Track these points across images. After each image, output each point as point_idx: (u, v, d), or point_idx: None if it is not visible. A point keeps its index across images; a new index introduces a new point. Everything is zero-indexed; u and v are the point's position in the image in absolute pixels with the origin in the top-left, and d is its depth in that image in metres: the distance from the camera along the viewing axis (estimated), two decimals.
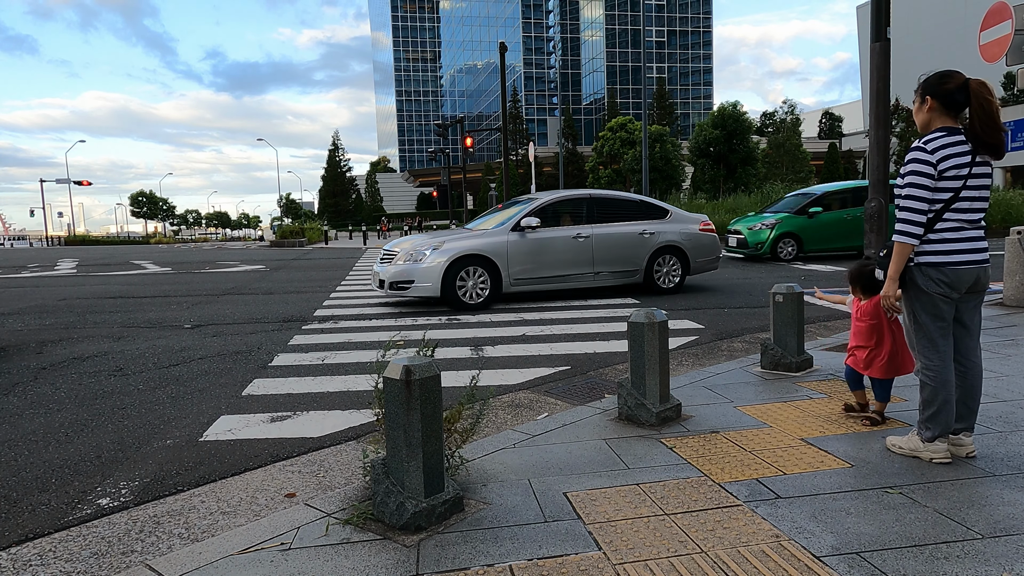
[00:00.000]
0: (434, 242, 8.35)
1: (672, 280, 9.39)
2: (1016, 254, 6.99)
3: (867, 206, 5.92)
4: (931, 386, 2.88)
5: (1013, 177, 44.63)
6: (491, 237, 8.48)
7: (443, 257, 8.14)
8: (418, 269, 8.16)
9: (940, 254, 2.78)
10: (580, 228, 8.89)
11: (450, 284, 8.11)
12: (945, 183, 2.74)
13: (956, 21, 61.94)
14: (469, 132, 31.11)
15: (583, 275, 8.88)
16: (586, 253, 8.85)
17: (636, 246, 9.11)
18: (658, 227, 9.28)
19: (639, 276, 9.20)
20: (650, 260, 9.20)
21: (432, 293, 8.10)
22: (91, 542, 2.57)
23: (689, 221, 9.59)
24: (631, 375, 3.64)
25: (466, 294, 8.21)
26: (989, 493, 2.61)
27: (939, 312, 2.84)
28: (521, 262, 8.50)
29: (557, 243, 8.72)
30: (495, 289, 8.35)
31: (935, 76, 2.86)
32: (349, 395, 4.58)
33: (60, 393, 4.78)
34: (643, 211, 9.36)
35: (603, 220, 9.08)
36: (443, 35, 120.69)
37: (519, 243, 8.52)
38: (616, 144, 49.34)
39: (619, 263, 9.04)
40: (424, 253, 8.23)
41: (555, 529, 2.41)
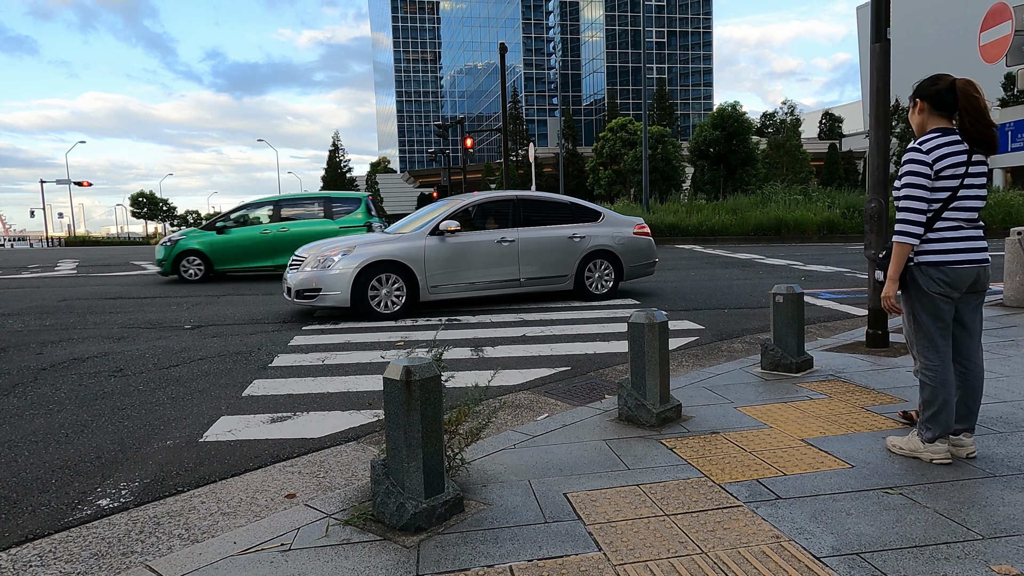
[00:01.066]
0: (344, 246, 7.78)
1: (604, 286, 8.96)
2: (1016, 254, 6.99)
3: (867, 206, 5.93)
4: (931, 386, 2.88)
5: (1013, 177, 44.63)
6: (407, 242, 7.92)
7: (353, 263, 7.56)
8: (326, 276, 7.55)
9: (940, 253, 2.80)
10: (505, 232, 8.40)
11: (361, 292, 7.55)
12: (942, 183, 2.77)
13: (956, 22, 61.97)
14: (469, 133, 31.12)
15: (508, 282, 8.37)
16: (511, 258, 8.35)
17: (565, 251, 8.66)
18: (589, 231, 8.84)
19: (569, 282, 8.73)
20: (581, 265, 8.76)
21: (341, 303, 7.53)
22: (91, 543, 2.57)
23: (623, 224, 9.19)
24: (631, 376, 3.64)
25: (380, 303, 7.68)
26: (989, 494, 2.60)
27: (939, 312, 2.85)
28: (440, 268, 7.97)
29: (479, 248, 8.21)
30: (411, 297, 7.83)
31: (926, 79, 2.91)
32: (349, 396, 4.58)
33: (60, 394, 4.78)
34: (574, 214, 8.94)
35: (531, 223, 8.62)
36: (443, 36, 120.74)
37: (437, 248, 7.98)
38: (616, 145, 49.33)
39: (547, 268, 8.57)
40: (333, 259, 7.62)
41: (555, 530, 2.41)
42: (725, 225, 22.27)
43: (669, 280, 11.35)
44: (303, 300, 7.64)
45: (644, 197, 26.26)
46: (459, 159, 42.71)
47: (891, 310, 2.95)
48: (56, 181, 55.90)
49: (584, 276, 8.81)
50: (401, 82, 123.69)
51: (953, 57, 61.92)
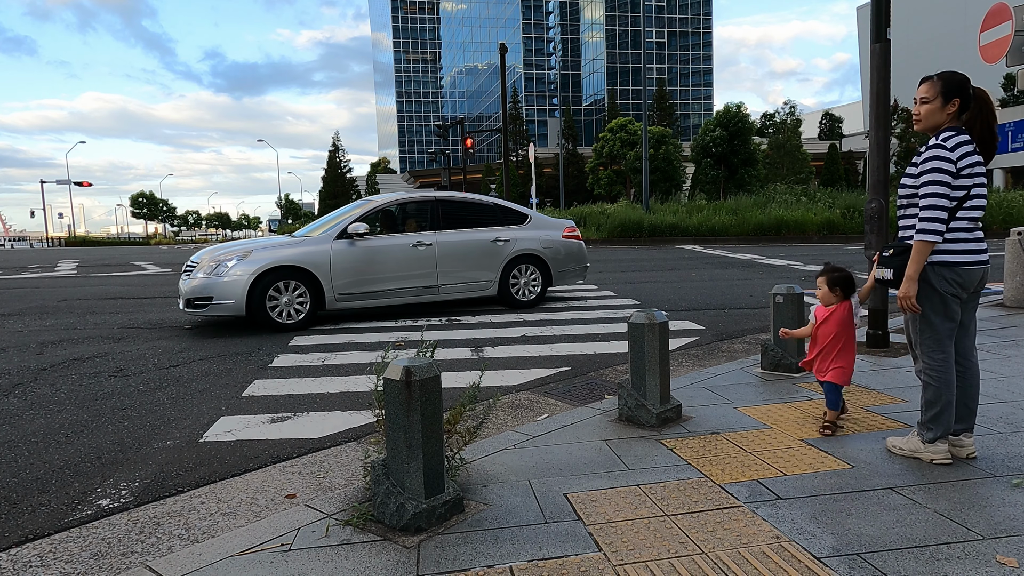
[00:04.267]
0: (241, 250, 7.23)
1: (531, 292, 8.50)
2: (1016, 255, 6.99)
3: (867, 207, 5.94)
4: (934, 387, 2.88)
5: (1013, 177, 44.63)
6: (311, 246, 7.37)
7: (249, 269, 6.99)
8: (218, 284, 6.95)
9: (954, 253, 2.78)
10: (421, 235, 7.90)
11: (258, 300, 6.99)
12: (961, 181, 2.75)
13: (956, 22, 61.97)
14: (469, 133, 31.12)
15: (425, 288, 7.87)
16: (428, 263, 7.84)
17: (488, 255, 8.18)
18: (515, 233, 8.40)
19: (492, 288, 8.25)
20: (505, 270, 8.29)
21: (236, 311, 6.97)
22: (91, 543, 2.57)
23: (551, 227, 8.80)
24: (631, 376, 3.63)
25: (280, 312, 7.12)
26: (990, 494, 2.60)
27: (950, 313, 2.84)
28: (348, 274, 7.42)
29: (392, 252, 7.68)
30: (316, 306, 7.31)
31: (961, 78, 2.81)
32: (349, 396, 4.58)
33: (60, 394, 4.78)
34: (499, 216, 8.48)
35: (451, 226, 8.13)
36: (443, 36, 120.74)
37: (346, 252, 7.44)
38: (616, 145, 49.32)
39: (468, 274, 8.09)
40: (226, 264, 7.06)
41: (555, 530, 2.41)
42: (725, 225, 22.28)
43: (669, 280, 11.35)
44: (194, 309, 7.04)
45: (644, 197, 26.26)
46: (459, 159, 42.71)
47: (912, 309, 2.85)
48: (56, 181, 55.93)
49: (509, 282, 8.35)
50: (401, 82, 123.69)
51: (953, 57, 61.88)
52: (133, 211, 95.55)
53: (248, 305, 6.98)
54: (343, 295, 7.44)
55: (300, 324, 7.21)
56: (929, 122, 2.86)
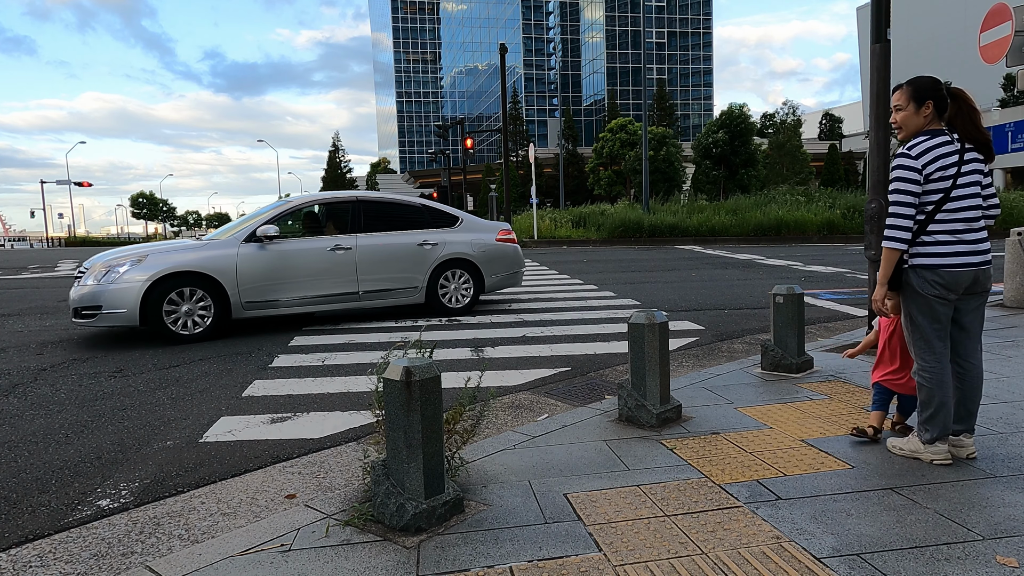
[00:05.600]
0: (136, 255, 6.70)
1: (462, 299, 8.09)
2: (1016, 255, 6.99)
3: (867, 207, 5.95)
4: (927, 387, 2.89)
5: (1013, 178, 44.62)
6: (215, 250, 6.84)
7: (144, 275, 6.44)
8: (107, 291, 6.39)
9: (934, 256, 2.79)
10: (341, 238, 7.43)
11: (155, 309, 6.44)
12: (933, 185, 2.77)
13: (956, 22, 61.98)
14: (469, 133, 31.13)
15: (344, 295, 7.40)
16: (347, 268, 7.37)
17: (414, 259, 7.74)
18: (444, 236, 7.98)
19: (419, 295, 7.82)
20: (433, 275, 7.87)
21: (128, 321, 6.40)
22: (91, 543, 2.57)
23: (484, 230, 8.38)
24: (631, 376, 3.64)
25: (179, 322, 6.58)
26: (990, 495, 2.60)
27: (935, 314, 2.84)
28: (257, 281, 6.90)
29: (308, 256, 7.19)
30: (221, 315, 6.78)
31: (929, 80, 2.88)
32: (349, 396, 4.58)
33: (60, 394, 4.78)
34: (427, 218, 8.04)
35: (374, 228, 7.68)
36: (443, 36, 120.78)
37: (254, 257, 6.93)
38: (616, 145, 49.33)
39: (392, 280, 7.63)
40: (118, 271, 6.49)
41: (555, 530, 2.41)
42: (725, 226, 22.29)
43: (669, 281, 11.35)
44: (82, 320, 6.50)
45: (644, 197, 26.28)
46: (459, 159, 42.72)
47: (880, 313, 2.94)
48: (56, 181, 55.93)
49: (438, 288, 7.94)
50: (401, 82, 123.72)
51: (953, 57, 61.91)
52: (133, 211, 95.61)
53: (142, 315, 6.43)
54: (251, 303, 6.92)
55: (203, 335, 6.69)
56: (908, 128, 2.89)
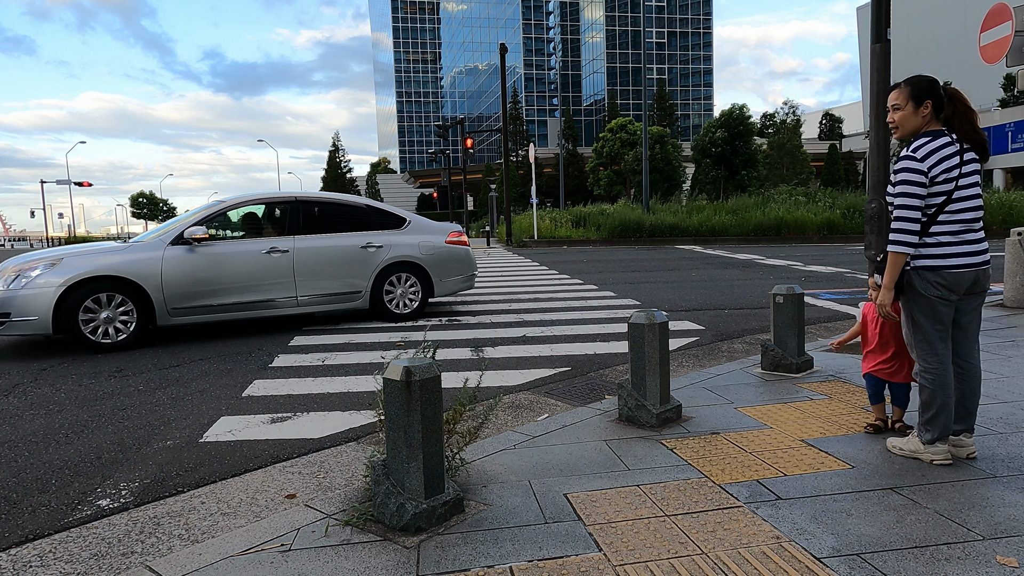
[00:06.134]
0: (50, 258, 6.27)
1: (409, 303, 7.75)
2: (1016, 255, 6.99)
3: (867, 207, 5.96)
4: (929, 388, 2.89)
5: (1013, 178, 44.61)
6: (138, 253, 6.44)
7: (58, 279, 6.03)
8: (17, 297, 5.95)
9: (937, 257, 2.79)
10: (277, 240, 7.07)
11: (70, 316, 6.04)
12: (937, 187, 2.76)
13: (956, 22, 61.98)
14: (469, 133, 31.14)
15: (281, 300, 7.01)
16: (284, 272, 7.00)
17: (357, 262, 7.40)
18: (389, 239, 7.64)
19: (363, 299, 7.49)
20: (378, 279, 7.53)
21: (40, 329, 5.99)
22: (91, 543, 2.57)
23: (433, 231, 8.04)
24: (631, 376, 3.63)
25: (98, 330, 6.19)
26: (990, 495, 2.60)
27: (938, 315, 2.84)
28: (185, 286, 6.53)
29: (242, 260, 6.82)
30: (145, 322, 6.40)
31: (927, 80, 2.87)
32: (349, 396, 4.58)
33: (60, 394, 4.78)
34: (371, 219, 7.70)
35: (314, 230, 7.35)
36: (443, 36, 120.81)
37: (181, 260, 6.55)
38: (616, 145, 49.34)
39: (333, 284, 7.28)
40: (29, 275, 6.06)
41: (555, 530, 2.41)
42: (725, 226, 22.29)
43: (669, 280, 11.35)
44: None
45: (644, 197, 26.28)
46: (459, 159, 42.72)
47: (888, 317, 2.93)
48: (56, 181, 55.95)
49: (383, 292, 7.60)
50: (401, 82, 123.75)
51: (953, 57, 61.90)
52: (133, 211, 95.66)
53: (56, 322, 6.05)
54: (178, 309, 6.54)
55: (125, 343, 6.29)
56: (905, 128, 2.88)
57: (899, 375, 3.28)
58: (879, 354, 3.32)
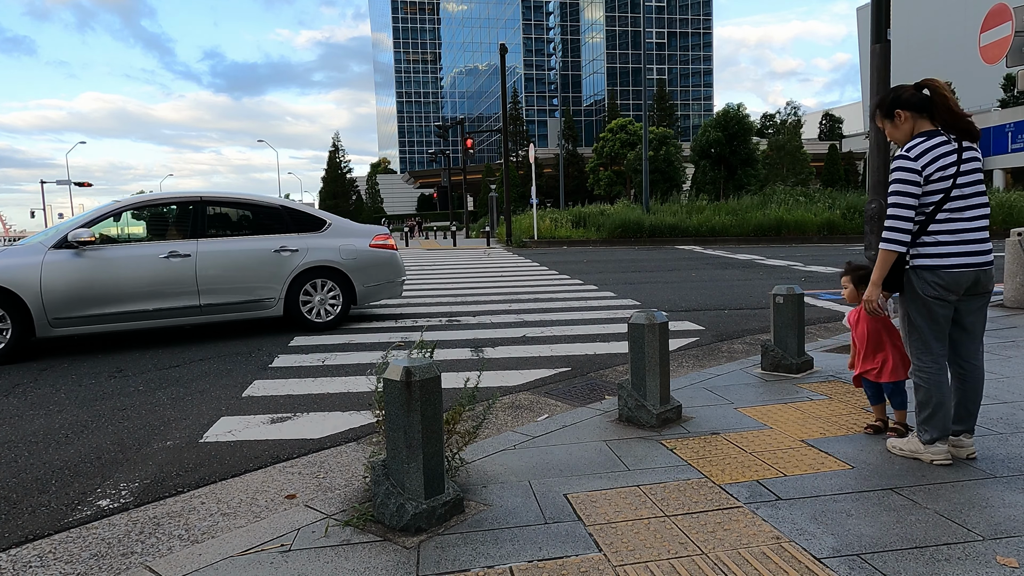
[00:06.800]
0: None
1: (329, 311, 7.21)
2: (1016, 255, 6.99)
3: (867, 207, 5.95)
4: (924, 388, 2.89)
5: (1013, 178, 44.61)
6: (14, 257, 5.91)
7: None
8: None
9: (935, 257, 2.79)
10: (177, 244, 6.53)
11: None
12: (932, 186, 2.77)
13: (956, 22, 61.99)
14: (469, 133, 31.17)
15: (182, 309, 6.46)
16: (185, 278, 6.46)
17: (269, 267, 6.85)
18: (306, 242, 7.11)
19: (276, 307, 6.94)
20: (293, 286, 6.99)
21: None
22: (91, 543, 2.57)
23: (356, 234, 7.51)
24: (631, 376, 3.63)
25: None
26: (990, 495, 2.60)
27: (934, 316, 2.84)
28: (69, 293, 5.97)
29: (136, 265, 6.29)
30: (22, 333, 5.84)
31: (889, 93, 2.95)
32: (349, 396, 4.58)
33: (60, 394, 4.78)
34: (286, 221, 7.17)
35: (220, 232, 6.86)
36: (443, 36, 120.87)
37: (65, 266, 6.01)
38: (616, 145, 49.37)
39: (240, 291, 6.73)
40: None
41: (555, 531, 2.41)
42: (725, 226, 22.29)
43: (669, 281, 11.35)
44: None
45: (644, 198, 26.28)
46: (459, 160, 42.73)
47: (874, 313, 2.97)
48: (56, 182, 55.91)
49: (299, 299, 7.05)
50: (401, 82, 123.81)
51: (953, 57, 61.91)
52: None
53: None
54: (61, 319, 5.99)
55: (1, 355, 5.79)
56: (899, 140, 2.94)
57: (884, 374, 3.25)
58: (861, 355, 3.33)
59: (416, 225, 49.02)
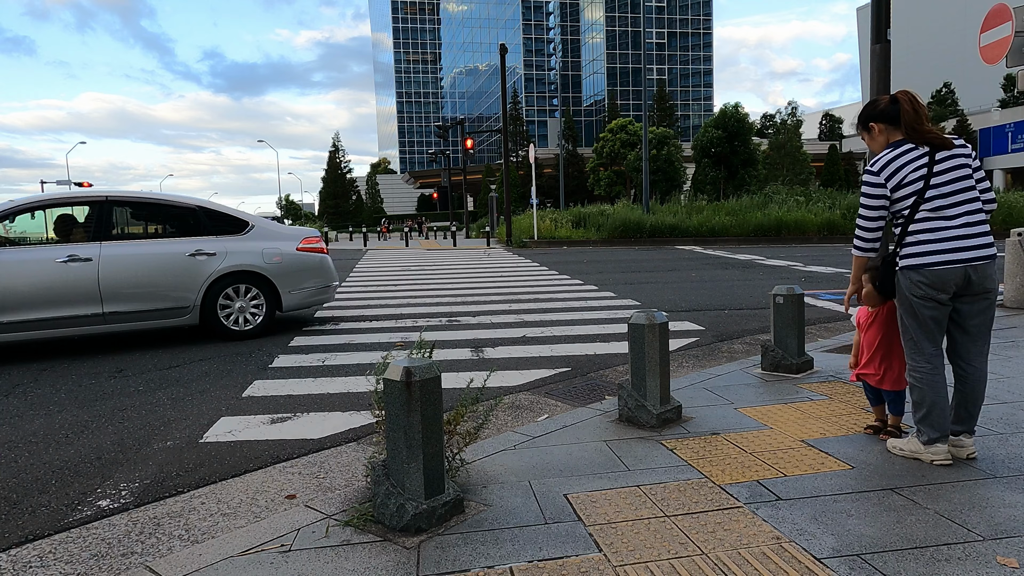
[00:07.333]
0: None
1: (252, 319, 6.79)
2: (1016, 256, 6.99)
3: None
4: (918, 388, 2.92)
5: (1013, 178, 44.61)
6: None
7: None
8: None
9: (917, 256, 2.83)
10: (78, 247, 6.05)
11: None
12: (902, 191, 2.84)
13: (956, 22, 61.98)
14: (469, 134, 31.18)
15: (83, 317, 6.01)
16: (86, 284, 5.99)
17: (182, 272, 6.40)
18: (225, 245, 6.67)
19: (190, 315, 6.49)
20: (211, 292, 6.56)
21: None
22: (91, 543, 2.57)
23: (281, 237, 7.10)
24: (631, 377, 3.63)
25: None
26: (990, 495, 2.60)
27: (920, 316, 2.86)
28: None
29: (29, 270, 5.84)
30: None
31: (865, 108, 3.09)
32: (349, 396, 4.58)
33: (60, 394, 4.78)
34: (203, 223, 6.70)
35: (129, 235, 6.44)
36: (444, 37, 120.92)
37: None
38: (616, 145, 49.35)
39: (149, 297, 6.25)
40: None
41: (555, 531, 2.41)
42: (725, 226, 22.28)
43: (669, 281, 11.36)
44: None
45: (644, 198, 26.28)
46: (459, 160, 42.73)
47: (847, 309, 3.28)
48: (56, 182, 55.81)
49: (218, 306, 6.62)
50: (401, 83, 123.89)
51: (953, 57, 61.90)
52: None
53: None
54: None
55: None
56: (876, 151, 3.06)
57: (886, 381, 3.21)
58: (864, 358, 3.31)
59: (420, 225, 49.09)
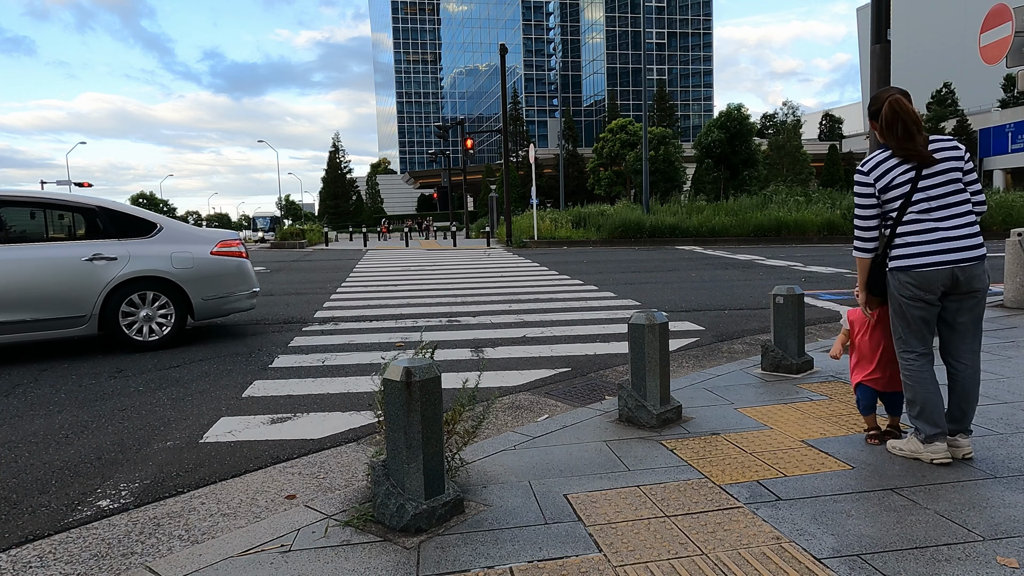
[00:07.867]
0: None
1: (159, 329, 6.31)
2: (1016, 256, 6.99)
3: None
4: (910, 385, 2.95)
5: (1013, 178, 44.60)
6: None
7: None
8: None
9: (905, 257, 2.86)
10: None
11: None
12: (890, 194, 2.88)
13: (956, 23, 61.98)
14: (469, 134, 31.19)
15: None
16: None
17: (77, 278, 5.90)
18: (129, 249, 6.17)
19: (87, 325, 6.00)
20: (112, 299, 6.06)
21: None
22: (91, 544, 2.57)
23: (193, 240, 6.57)
24: (631, 377, 3.63)
25: None
26: (990, 495, 2.60)
27: (907, 316, 2.90)
28: None
29: None
30: None
31: (872, 99, 3.06)
32: (350, 396, 4.58)
33: (60, 394, 4.78)
34: (105, 225, 6.19)
35: (16, 237, 5.93)
36: (444, 37, 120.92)
37: None
38: (616, 145, 49.34)
39: (38, 305, 5.75)
40: None
41: (555, 531, 2.41)
42: (725, 226, 22.29)
43: (670, 281, 11.36)
44: None
45: (644, 198, 26.28)
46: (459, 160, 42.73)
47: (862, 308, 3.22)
48: (56, 182, 55.84)
49: (120, 315, 6.12)
50: (401, 83, 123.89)
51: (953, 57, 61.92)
52: None
53: None
54: None
55: None
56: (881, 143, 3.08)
57: (894, 384, 3.15)
58: (869, 363, 3.21)
59: (423, 225, 49.10)
